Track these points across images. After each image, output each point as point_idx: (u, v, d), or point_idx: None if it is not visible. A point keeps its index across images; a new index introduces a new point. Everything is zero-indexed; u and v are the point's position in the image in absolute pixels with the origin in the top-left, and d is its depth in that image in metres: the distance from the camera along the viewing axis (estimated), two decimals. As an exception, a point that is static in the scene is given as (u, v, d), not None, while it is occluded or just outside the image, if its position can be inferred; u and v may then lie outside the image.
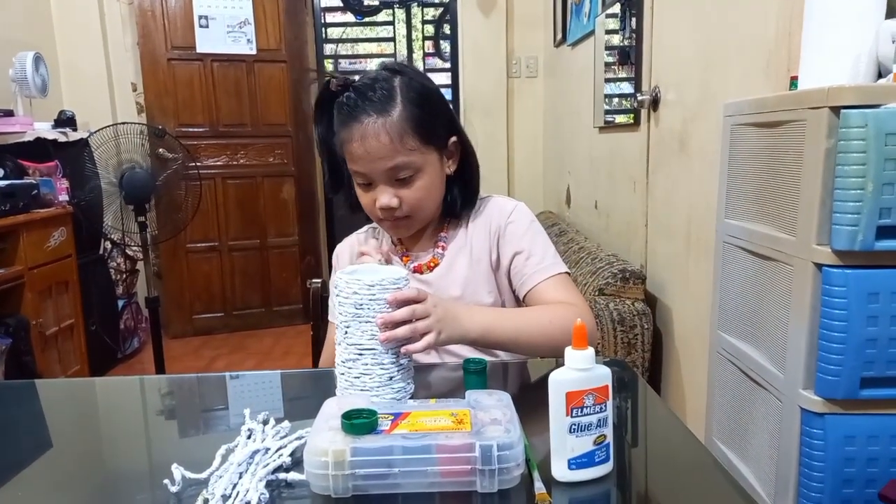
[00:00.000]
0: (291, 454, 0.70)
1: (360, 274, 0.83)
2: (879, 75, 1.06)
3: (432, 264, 1.11)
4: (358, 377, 0.82)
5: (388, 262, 1.01)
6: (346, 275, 0.83)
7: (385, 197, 1.02)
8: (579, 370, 0.65)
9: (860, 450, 1.00)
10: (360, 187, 1.05)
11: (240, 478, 0.66)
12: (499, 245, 1.11)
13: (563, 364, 0.66)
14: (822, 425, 1.01)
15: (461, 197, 1.11)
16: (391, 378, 0.82)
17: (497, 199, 1.16)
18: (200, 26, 3.68)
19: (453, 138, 1.08)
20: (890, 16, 1.05)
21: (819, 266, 0.99)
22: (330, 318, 1.18)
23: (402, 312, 0.82)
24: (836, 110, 0.95)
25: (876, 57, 1.05)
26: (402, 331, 0.82)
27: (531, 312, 1.05)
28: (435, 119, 1.04)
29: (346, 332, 0.82)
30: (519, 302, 1.13)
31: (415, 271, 1.12)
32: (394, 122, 0.98)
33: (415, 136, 0.99)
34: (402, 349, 0.83)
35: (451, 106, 1.11)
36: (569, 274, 1.10)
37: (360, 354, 0.82)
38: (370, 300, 0.81)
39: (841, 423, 1.00)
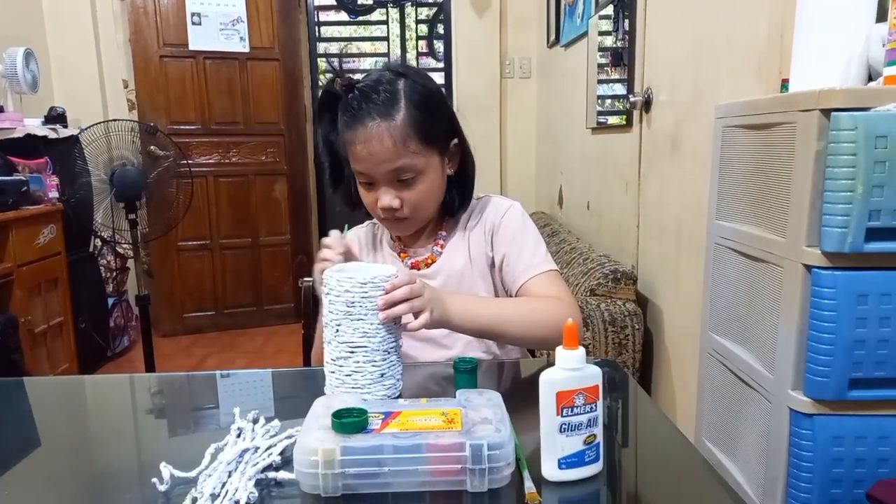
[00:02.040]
0: (281, 453, 0.70)
1: (351, 272, 0.83)
2: (870, 78, 1.07)
3: (430, 261, 1.13)
4: (349, 375, 0.82)
5: (348, 259, 0.99)
6: (337, 273, 0.83)
7: (387, 198, 1.03)
8: (570, 370, 0.65)
9: (848, 450, 1.00)
10: (362, 186, 1.06)
11: (229, 476, 0.65)
12: (492, 243, 1.12)
13: (553, 363, 0.66)
14: (810, 426, 1.01)
15: (458, 197, 1.13)
16: (382, 375, 0.83)
17: (495, 198, 1.18)
18: (193, 23, 3.66)
19: (454, 140, 1.10)
20: (880, 19, 1.06)
21: (809, 268, 0.99)
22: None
23: (402, 292, 0.84)
24: (826, 113, 0.95)
25: (866, 60, 1.06)
26: (401, 308, 0.83)
27: (514, 302, 1.07)
28: (437, 122, 1.05)
29: (338, 331, 0.82)
30: None
31: (412, 268, 1.13)
32: (397, 125, 0.99)
33: (417, 139, 1.00)
34: (402, 326, 0.86)
35: (452, 108, 1.12)
36: (558, 272, 1.11)
37: (352, 352, 0.82)
38: (362, 298, 0.81)
39: (829, 424, 1.00)
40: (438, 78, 4.14)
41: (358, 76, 1.04)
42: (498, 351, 1.12)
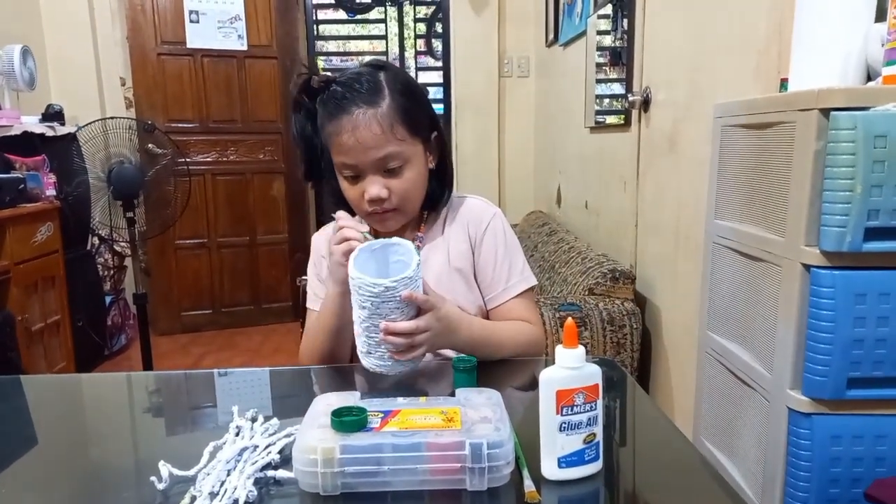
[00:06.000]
0: (280, 452, 0.70)
1: (365, 259, 0.89)
2: (869, 78, 1.07)
3: None
4: (357, 336, 0.91)
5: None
6: (352, 260, 0.88)
7: (375, 188, 1.01)
8: (570, 369, 0.65)
9: (846, 450, 1.00)
10: (346, 181, 1.05)
11: (228, 475, 0.65)
12: (473, 251, 1.13)
13: (553, 363, 0.66)
14: (808, 425, 1.01)
15: (440, 190, 1.13)
16: (368, 353, 0.89)
17: (475, 201, 1.17)
18: (191, 21, 3.66)
19: (434, 133, 1.10)
20: (879, 19, 1.06)
21: (807, 267, 0.99)
22: (309, 304, 1.17)
23: (408, 326, 0.87)
24: (825, 112, 0.95)
25: (865, 59, 1.06)
26: (399, 340, 0.87)
27: (507, 331, 1.09)
28: (420, 111, 1.06)
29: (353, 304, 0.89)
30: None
31: None
32: (384, 112, 0.99)
33: (404, 126, 1.01)
34: (389, 354, 0.89)
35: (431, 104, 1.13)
36: (532, 288, 1.14)
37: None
38: (358, 295, 0.86)
39: (827, 423, 1.01)
40: (436, 77, 4.14)
41: (335, 74, 1.05)
42: None
